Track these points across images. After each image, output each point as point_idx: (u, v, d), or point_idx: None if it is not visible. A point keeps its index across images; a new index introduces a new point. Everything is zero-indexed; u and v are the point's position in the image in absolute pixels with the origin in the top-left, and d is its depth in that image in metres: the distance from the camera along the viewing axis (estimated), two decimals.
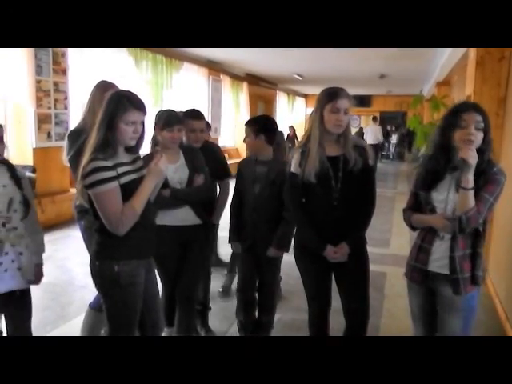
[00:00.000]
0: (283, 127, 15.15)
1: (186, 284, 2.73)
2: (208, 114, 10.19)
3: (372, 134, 13.31)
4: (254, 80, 13.16)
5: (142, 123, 2.01)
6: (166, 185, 2.50)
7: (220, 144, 10.67)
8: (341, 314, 2.44)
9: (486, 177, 1.94)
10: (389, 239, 5.91)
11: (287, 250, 2.78)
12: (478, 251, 2.03)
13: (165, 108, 2.95)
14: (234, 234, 2.91)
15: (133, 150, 2.07)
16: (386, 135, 18.44)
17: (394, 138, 17.97)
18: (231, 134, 12.38)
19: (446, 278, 2.03)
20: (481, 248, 2.03)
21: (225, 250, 4.45)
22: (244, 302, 2.97)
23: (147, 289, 2.14)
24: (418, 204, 2.16)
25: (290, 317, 3.52)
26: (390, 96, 18.11)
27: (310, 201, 2.30)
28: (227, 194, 3.22)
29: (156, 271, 2.48)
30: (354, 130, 16.72)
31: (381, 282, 4.32)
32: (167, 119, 2.55)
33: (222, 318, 3.49)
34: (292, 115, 17.59)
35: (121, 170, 1.96)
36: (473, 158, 1.86)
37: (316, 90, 2.30)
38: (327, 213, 2.26)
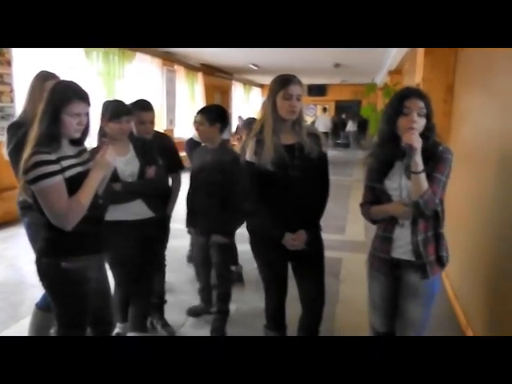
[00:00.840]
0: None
1: (141, 280, 2.68)
2: (163, 106, 10.02)
3: (322, 123, 15.23)
4: (209, 70, 13.03)
5: (87, 114, 1.95)
6: (116, 178, 2.45)
7: (175, 135, 10.54)
8: (297, 300, 2.46)
9: (434, 158, 1.95)
10: (344, 226, 6.02)
11: (230, 237, 2.95)
12: (440, 232, 2.04)
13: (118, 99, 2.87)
14: (188, 219, 3.05)
15: (78, 142, 2.00)
16: (342, 124, 18.74)
17: (350, 127, 18.24)
18: (187, 126, 12.20)
19: (410, 265, 2.03)
20: (442, 228, 2.05)
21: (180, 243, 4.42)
22: (201, 285, 3.19)
23: (98, 285, 2.09)
24: (373, 196, 2.14)
25: (249, 305, 3.53)
26: (345, 85, 18.36)
27: (268, 188, 2.29)
28: (180, 185, 3.16)
29: (108, 267, 2.43)
30: (310, 120, 17.02)
31: (337, 268, 4.39)
32: (114, 110, 2.47)
33: (179, 311, 3.45)
34: (248, 105, 17.56)
35: (65, 163, 1.89)
36: (417, 142, 1.87)
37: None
38: (284, 200, 2.27)
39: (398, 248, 2.06)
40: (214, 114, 2.88)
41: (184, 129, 11.56)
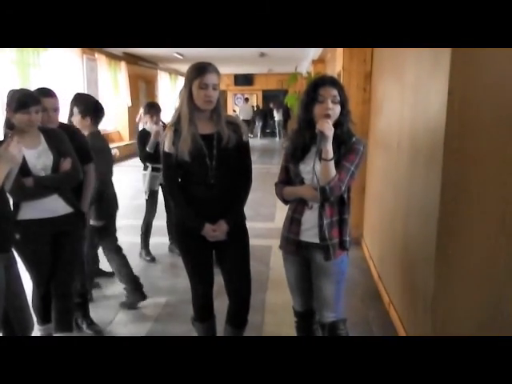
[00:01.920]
0: (167, 107, 14.86)
1: (61, 280, 2.53)
2: None
3: (244, 112, 16.86)
4: (132, 59, 12.64)
5: None
6: (28, 173, 2.29)
7: (100, 128, 10.13)
8: (224, 291, 2.44)
9: (346, 147, 2.04)
10: (274, 213, 6.08)
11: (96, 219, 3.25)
12: (344, 218, 2.13)
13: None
14: None
15: None
16: (270, 113, 18.96)
17: (277, 116, 18.46)
18: (112, 117, 11.78)
19: (317, 246, 2.12)
20: (346, 215, 2.14)
21: None
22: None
23: (9, 286, 1.96)
24: (288, 178, 2.21)
25: (178, 298, 3.50)
26: (272, 74, 18.51)
27: (187, 180, 2.26)
28: (93, 179, 2.95)
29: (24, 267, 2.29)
30: (238, 109, 17.08)
31: (267, 256, 4.43)
32: (21, 100, 2.28)
33: (106, 307, 3.37)
34: (175, 94, 17.26)
35: None
36: (329, 130, 1.94)
37: None
38: (204, 191, 2.24)
39: (305, 231, 2.14)
40: (85, 107, 3.19)
41: (108, 120, 11.17)
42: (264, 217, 5.75)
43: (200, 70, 2.13)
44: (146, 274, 4.04)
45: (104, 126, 10.50)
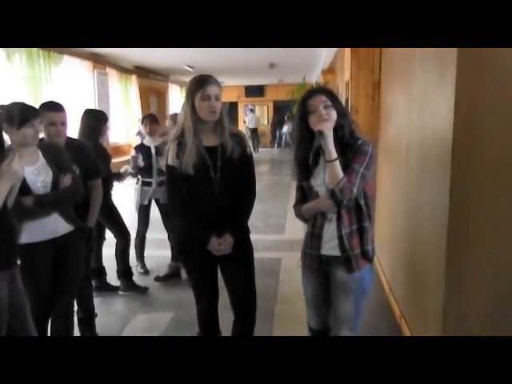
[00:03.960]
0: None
1: (61, 302, 2.46)
2: None
3: (252, 121, 18.44)
4: (143, 73, 12.75)
5: None
6: (28, 191, 2.23)
7: (111, 141, 10.23)
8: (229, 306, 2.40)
9: (353, 150, 1.98)
10: (284, 225, 6.03)
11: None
12: (364, 226, 2.05)
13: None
14: None
15: None
16: (280, 124, 18.99)
17: (285, 129, 18.43)
18: (123, 130, 11.88)
19: (338, 261, 2.05)
20: (366, 223, 2.05)
21: None
22: None
23: (13, 301, 1.94)
24: (303, 196, 2.17)
25: (185, 313, 3.46)
26: (282, 85, 18.50)
27: (191, 192, 2.24)
28: (100, 193, 2.94)
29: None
30: (247, 119, 17.14)
31: (276, 268, 4.36)
32: (24, 114, 2.18)
33: (112, 321, 3.34)
34: None
35: None
36: (327, 129, 1.91)
37: None
38: (209, 204, 2.21)
39: (325, 244, 2.07)
40: None
41: (119, 133, 11.26)
42: (274, 229, 5.71)
43: (201, 83, 2.14)
44: (153, 288, 4.02)
45: (115, 138, 10.59)
